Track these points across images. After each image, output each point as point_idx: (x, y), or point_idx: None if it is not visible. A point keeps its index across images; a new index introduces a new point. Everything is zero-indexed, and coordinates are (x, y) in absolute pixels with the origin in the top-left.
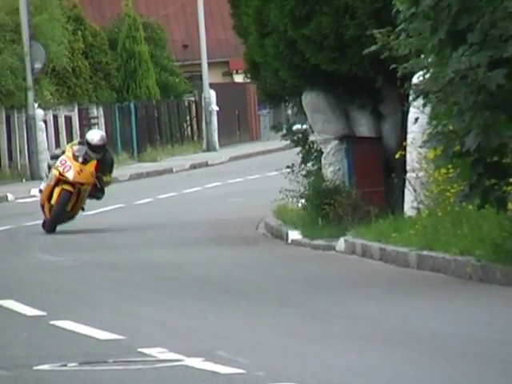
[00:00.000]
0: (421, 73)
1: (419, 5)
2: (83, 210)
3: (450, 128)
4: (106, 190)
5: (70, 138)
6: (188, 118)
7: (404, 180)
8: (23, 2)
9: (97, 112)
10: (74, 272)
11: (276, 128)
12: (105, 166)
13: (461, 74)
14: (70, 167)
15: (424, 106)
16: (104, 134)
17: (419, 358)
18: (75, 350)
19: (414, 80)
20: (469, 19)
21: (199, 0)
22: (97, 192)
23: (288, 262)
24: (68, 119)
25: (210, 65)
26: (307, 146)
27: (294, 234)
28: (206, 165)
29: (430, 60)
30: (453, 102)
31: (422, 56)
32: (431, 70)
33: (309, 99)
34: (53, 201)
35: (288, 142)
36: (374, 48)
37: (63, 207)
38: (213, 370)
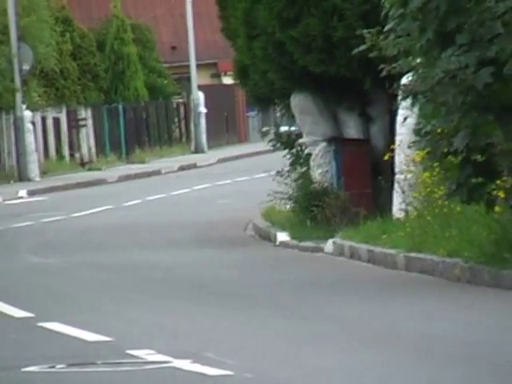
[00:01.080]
0: (410, 73)
1: (407, 6)
2: None
3: (439, 130)
4: (95, 190)
5: (58, 140)
6: (176, 119)
7: (392, 182)
8: (11, 3)
9: (85, 113)
10: (62, 273)
11: (265, 134)
12: None
13: (450, 75)
14: None
15: (412, 105)
16: None
17: (407, 360)
18: (63, 351)
19: (403, 81)
20: (457, 20)
21: (188, 1)
22: None
23: (276, 263)
24: (56, 121)
25: (198, 66)
26: (295, 149)
27: (283, 236)
28: (195, 166)
29: (418, 61)
30: (441, 102)
31: (411, 57)
32: (420, 71)
33: (297, 101)
34: None
35: (273, 146)
36: (362, 48)
37: None
38: (201, 372)
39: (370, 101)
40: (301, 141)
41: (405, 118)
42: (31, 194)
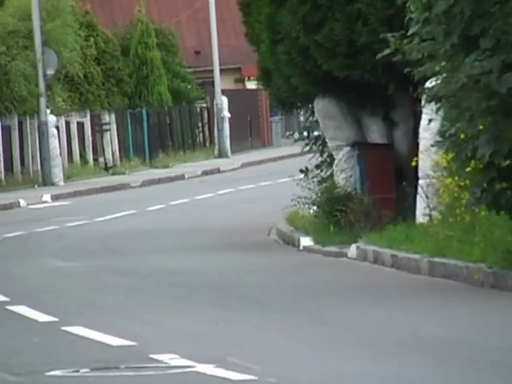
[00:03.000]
0: (434, 78)
1: (432, 10)
2: None
3: (462, 136)
4: (118, 195)
5: (82, 144)
6: (200, 124)
7: (416, 187)
8: (36, 8)
9: (109, 118)
10: (85, 278)
11: (295, 138)
12: None
13: (473, 79)
14: None
15: (437, 110)
16: None
17: (430, 366)
18: (87, 355)
19: (427, 84)
20: (481, 25)
21: (211, 6)
22: None
23: (300, 268)
24: (80, 125)
25: (221, 71)
26: (323, 153)
27: (306, 241)
28: (218, 171)
29: (442, 65)
30: (465, 107)
31: (434, 61)
32: (443, 75)
33: (321, 106)
34: None
35: (304, 147)
36: (387, 52)
37: None
38: (224, 377)
39: (394, 105)
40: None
41: (429, 120)
42: (55, 198)
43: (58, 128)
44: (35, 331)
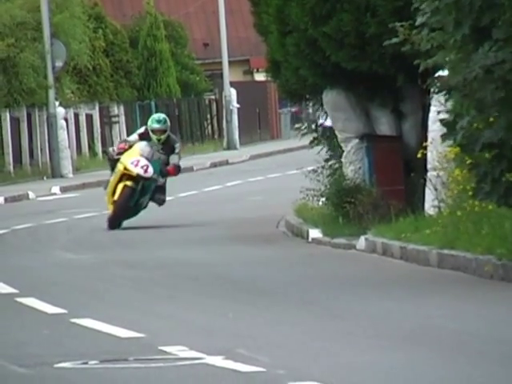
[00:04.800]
0: (443, 69)
1: (442, 0)
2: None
3: (474, 125)
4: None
5: (90, 136)
6: (208, 116)
7: (424, 179)
8: (44, 0)
9: (118, 110)
10: (94, 270)
11: (304, 126)
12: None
13: (485, 70)
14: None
15: (446, 100)
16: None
17: (440, 358)
18: (96, 347)
19: (439, 73)
20: (491, 16)
21: None
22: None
23: (308, 260)
24: (89, 117)
25: (230, 63)
26: (333, 144)
27: (315, 233)
28: (227, 163)
29: (452, 56)
30: (477, 98)
31: (443, 51)
32: (453, 66)
33: (329, 97)
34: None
35: (313, 140)
36: (395, 40)
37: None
38: (233, 369)
39: (403, 97)
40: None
41: (438, 112)
42: (64, 190)
43: (66, 120)
44: (44, 323)
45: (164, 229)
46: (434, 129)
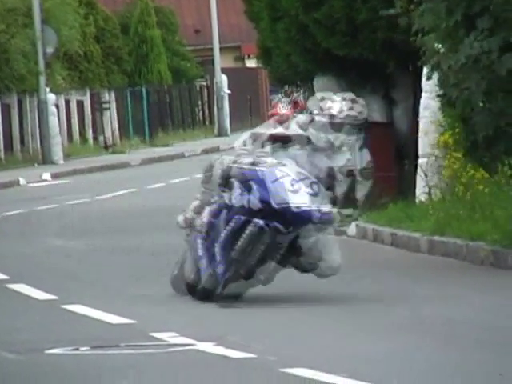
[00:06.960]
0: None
1: None
2: None
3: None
4: (118, 173)
5: (81, 123)
6: (199, 102)
7: (416, 165)
8: None
9: (108, 97)
10: (85, 256)
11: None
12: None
13: (472, 59)
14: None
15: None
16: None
17: (431, 345)
18: (87, 334)
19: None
20: (482, 3)
21: None
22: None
23: None
24: (80, 104)
25: (221, 50)
26: None
27: None
28: (218, 150)
29: (442, 40)
30: (464, 87)
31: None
32: (443, 51)
33: (321, 84)
34: None
35: None
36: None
37: None
38: (224, 355)
39: (394, 84)
40: None
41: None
42: (55, 176)
43: (57, 106)
44: (35, 309)
45: (155, 215)
46: (426, 115)
